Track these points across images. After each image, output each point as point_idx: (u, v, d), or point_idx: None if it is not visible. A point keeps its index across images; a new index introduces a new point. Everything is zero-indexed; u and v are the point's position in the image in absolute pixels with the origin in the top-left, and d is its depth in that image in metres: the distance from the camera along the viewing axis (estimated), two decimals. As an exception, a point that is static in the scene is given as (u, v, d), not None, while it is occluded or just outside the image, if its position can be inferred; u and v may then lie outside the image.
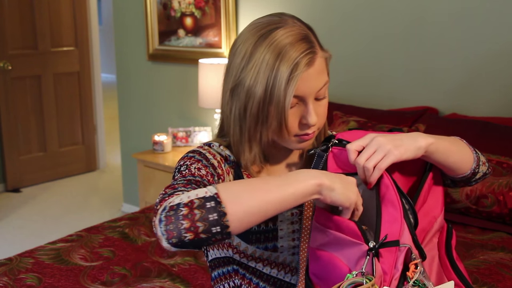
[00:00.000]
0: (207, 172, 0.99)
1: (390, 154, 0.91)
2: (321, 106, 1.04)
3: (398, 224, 0.86)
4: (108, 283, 1.71)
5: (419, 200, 0.97)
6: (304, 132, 1.02)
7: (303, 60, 0.97)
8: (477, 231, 2.05)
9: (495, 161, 2.08)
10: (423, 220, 0.97)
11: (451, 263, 0.99)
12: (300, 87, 0.98)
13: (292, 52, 0.97)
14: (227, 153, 1.09)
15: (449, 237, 1.02)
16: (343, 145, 0.98)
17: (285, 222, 1.07)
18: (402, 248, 0.84)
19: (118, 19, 3.77)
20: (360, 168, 0.93)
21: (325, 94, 1.04)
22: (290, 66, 0.96)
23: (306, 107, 1.00)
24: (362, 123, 2.44)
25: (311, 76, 0.99)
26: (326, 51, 1.03)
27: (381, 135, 0.94)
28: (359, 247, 0.85)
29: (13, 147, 4.33)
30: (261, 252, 1.06)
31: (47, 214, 3.91)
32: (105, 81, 6.07)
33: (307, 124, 1.01)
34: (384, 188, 0.90)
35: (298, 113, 1.01)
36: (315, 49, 0.99)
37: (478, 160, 1.06)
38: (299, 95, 0.99)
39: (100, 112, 4.92)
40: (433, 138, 0.96)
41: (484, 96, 2.44)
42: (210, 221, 0.79)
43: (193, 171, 0.97)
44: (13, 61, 4.24)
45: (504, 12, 2.33)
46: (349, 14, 2.76)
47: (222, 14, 3.15)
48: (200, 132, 3.32)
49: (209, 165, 1.01)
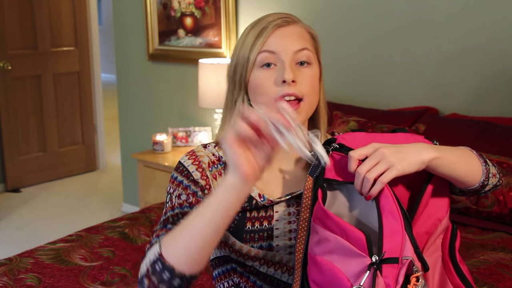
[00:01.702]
0: (187, 194, 1.05)
1: (393, 168, 0.88)
2: (304, 73, 1.04)
3: (400, 236, 0.84)
4: (108, 283, 1.71)
5: (418, 211, 0.95)
6: (283, 92, 1.02)
7: (277, 20, 1.05)
8: (477, 231, 2.04)
9: (495, 161, 2.08)
10: (425, 223, 0.96)
11: (454, 266, 0.98)
12: (272, 43, 1.04)
13: (268, 18, 1.07)
14: (221, 154, 1.12)
15: (453, 239, 1.00)
16: (345, 152, 0.95)
17: (281, 221, 1.07)
18: (404, 260, 0.82)
19: (118, 19, 3.77)
20: (360, 179, 0.89)
21: (310, 61, 1.06)
22: (263, 24, 1.05)
23: (282, 65, 1.03)
24: (362, 123, 2.44)
25: (285, 34, 1.04)
26: (311, 30, 1.10)
27: (385, 146, 0.91)
28: (362, 260, 0.83)
29: (13, 147, 4.33)
30: (256, 251, 1.06)
31: (47, 214, 3.91)
32: (105, 81, 6.07)
33: (284, 81, 1.01)
34: (384, 199, 0.88)
35: (275, 74, 1.04)
36: (293, 18, 1.07)
37: (487, 172, 1.02)
38: (271, 49, 1.03)
39: (100, 112, 4.92)
40: (438, 152, 0.93)
41: (484, 96, 2.44)
42: (167, 280, 0.88)
43: (173, 202, 1.05)
44: (13, 61, 4.23)
45: (504, 11, 2.33)
46: (349, 14, 2.76)
47: (222, 14, 3.15)
48: (200, 132, 3.32)
49: (190, 183, 1.07)
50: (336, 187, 0.97)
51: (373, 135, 1.02)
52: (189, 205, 1.04)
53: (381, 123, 2.42)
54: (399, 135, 1.02)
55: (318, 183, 0.97)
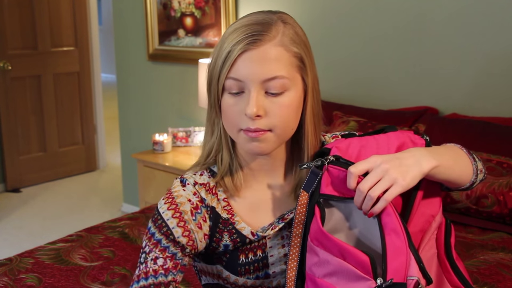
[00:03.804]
0: (164, 258, 0.95)
1: (397, 185, 0.84)
2: (276, 103, 0.91)
3: (404, 256, 0.81)
4: (108, 283, 1.71)
5: (410, 215, 0.93)
6: (246, 126, 0.91)
7: (245, 40, 0.89)
8: (477, 231, 2.04)
9: (495, 161, 2.08)
10: (419, 221, 0.94)
11: (450, 264, 0.97)
12: (239, 69, 0.90)
13: (240, 32, 0.91)
14: (203, 196, 1.01)
15: (447, 235, 0.98)
16: (342, 165, 0.90)
17: (275, 248, 1.02)
18: (410, 281, 0.80)
19: (118, 19, 3.77)
20: (361, 196, 0.85)
21: (284, 90, 0.91)
22: (231, 44, 0.90)
23: (248, 95, 0.91)
24: (362, 123, 2.44)
25: (253, 59, 0.89)
26: (293, 47, 0.92)
27: (386, 159, 0.87)
28: (366, 283, 0.80)
29: (13, 147, 4.33)
30: (252, 281, 1.01)
31: (47, 214, 3.91)
32: (105, 81, 6.08)
33: (247, 115, 0.90)
34: (386, 216, 0.84)
35: (242, 103, 0.92)
36: (268, 33, 0.90)
37: (476, 170, 1.00)
38: (238, 78, 0.90)
39: (100, 112, 4.92)
40: (436, 159, 0.89)
41: (484, 96, 2.44)
42: None
43: (148, 267, 0.95)
44: (13, 61, 4.23)
45: (504, 11, 2.33)
46: (349, 14, 2.76)
47: (222, 14, 3.15)
48: (200, 132, 3.32)
49: (169, 243, 0.96)
50: (333, 203, 0.93)
51: (365, 139, 0.98)
52: (165, 272, 0.94)
53: (381, 123, 2.42)
54: (390, 135, 0.99)
55: (314, 199, 0.92)
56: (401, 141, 0.98)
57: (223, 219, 1.01)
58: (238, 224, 1.01)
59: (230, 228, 1.00)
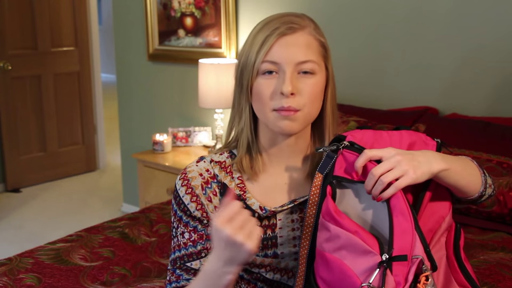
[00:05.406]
0: (189, 232, 1.08)
1: (407, 176, 0.90)
2: (306, 83, 1.02)
3: (410, 236, 0.85)
4: (108, 283, 1.71)
5: (419, 212, 0.96)
6: (280, 105, 1.00)
7: (281, 27, 1.01)
8: (477, 231, 2.04)
9: (495, 161, 2.08)
10: (429, 221, 0.96)
11: (459, 264, 0.98)
12: (276, 53, 1.01)
13: (275, 22, 1.03)
14: (216, 172, 1.10)
15: (457, 237, 1.01)
16: (356, 150, 0.96)
17: (285, 229, 1.07)
18: (414, 259, 0.83)
19: (118, 19, 3.77)
20: (373, 180, 0.90)
21: (314, 72, 1.03)
22: (268, 32, 1.01)
23: (283, 76, 1.00)
24: (362, 123, 2.44)
25: (289, 43, 1.01)
26: (320, 37, 1.07)
27: (400, 152, 0.92)
28: (372, 258, 0.84)
29: (13, 147, 4.33)
30: (261, 259, 1.06)
31: (47, 214, 3.91)
32: (105, 81, 6.07)
33: (282, 94, 0.99)
34: (394, 199, 0.89)
35: (276, 84, 1.01)
36: (300, 24, 1.03)
37: (485, 183, 1.04)
38: (274, 60, 1.01)
39: (100, 112, 4.92)
40: (447, 163, 0.94)
41: (484, 96, 2.43)
42: None
43: (179, 241, 1.08)
44: (13, 61, 4.23)
45: (505, 10, 2.33)
46: (349, 14, 2.76)
47: (222, 14, 3.15)
48: (200, 132, 3.32)
49: (188, 218, 1.08)
50: (345, 185, 0.97)
51: (379, 133, 1.03)
52: (193, 243, 1.07)
53: (381, 123, 2.42)
54: (403, 132, 1.04)
55: (327, 180, 0.97)
56: (413, 139, 1.02)
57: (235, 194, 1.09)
58: (249, 200, 1.07)
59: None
